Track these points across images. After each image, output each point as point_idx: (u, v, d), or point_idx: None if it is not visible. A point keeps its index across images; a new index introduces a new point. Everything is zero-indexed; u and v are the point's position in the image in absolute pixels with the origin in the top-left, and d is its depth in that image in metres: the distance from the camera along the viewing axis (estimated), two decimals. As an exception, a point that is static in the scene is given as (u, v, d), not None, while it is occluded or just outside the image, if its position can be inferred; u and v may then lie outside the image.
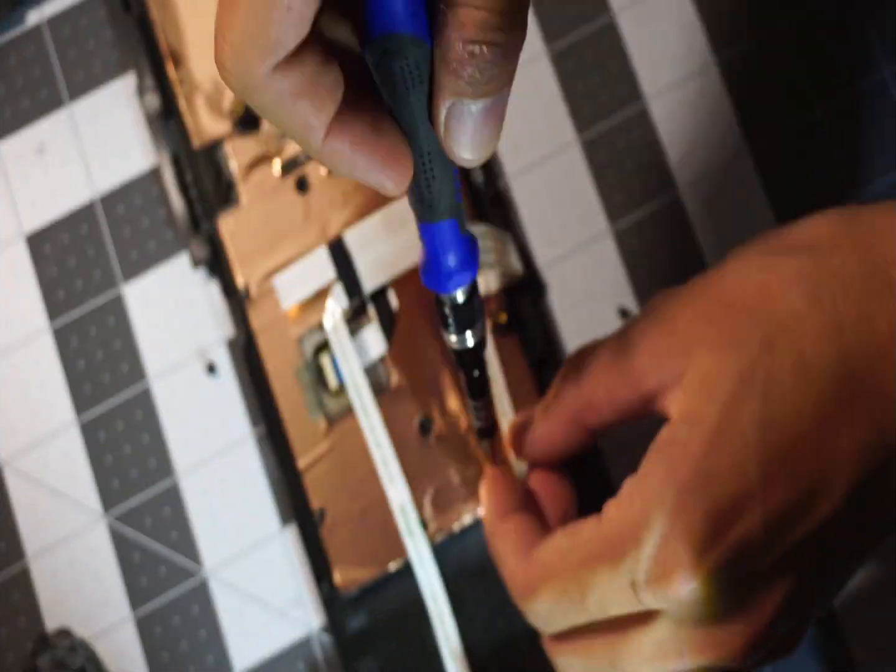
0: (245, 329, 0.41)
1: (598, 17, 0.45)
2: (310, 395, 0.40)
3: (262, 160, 0.42)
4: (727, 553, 0.30)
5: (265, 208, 0.41)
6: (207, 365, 0.43)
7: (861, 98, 0.45)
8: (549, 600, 0.33)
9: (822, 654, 0.41)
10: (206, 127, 0.42)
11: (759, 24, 0.45)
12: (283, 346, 0.40)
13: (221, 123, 0.42)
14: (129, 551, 0.43)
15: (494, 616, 0.39)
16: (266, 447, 0.43)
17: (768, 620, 0.31)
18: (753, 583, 0.31)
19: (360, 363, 0.39)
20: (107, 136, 0.45)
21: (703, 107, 0.45)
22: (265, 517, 0.43)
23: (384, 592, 0.39)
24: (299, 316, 0.40)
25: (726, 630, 0.31)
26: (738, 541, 0.30)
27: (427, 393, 0.40)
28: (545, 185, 0.44)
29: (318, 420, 0.40)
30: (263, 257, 0.41)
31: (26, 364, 0.44)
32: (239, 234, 0.41)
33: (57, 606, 0.42)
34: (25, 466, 0.43)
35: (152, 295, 0.44)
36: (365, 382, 0.39)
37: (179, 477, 0.43)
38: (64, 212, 0.45)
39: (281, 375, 0.40)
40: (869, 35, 0.45)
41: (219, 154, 0.42)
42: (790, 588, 0.31)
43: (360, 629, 0.40)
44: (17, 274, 0.44)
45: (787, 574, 0.31)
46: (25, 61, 0.46)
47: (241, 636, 0.42)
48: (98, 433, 0.43)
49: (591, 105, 0.45)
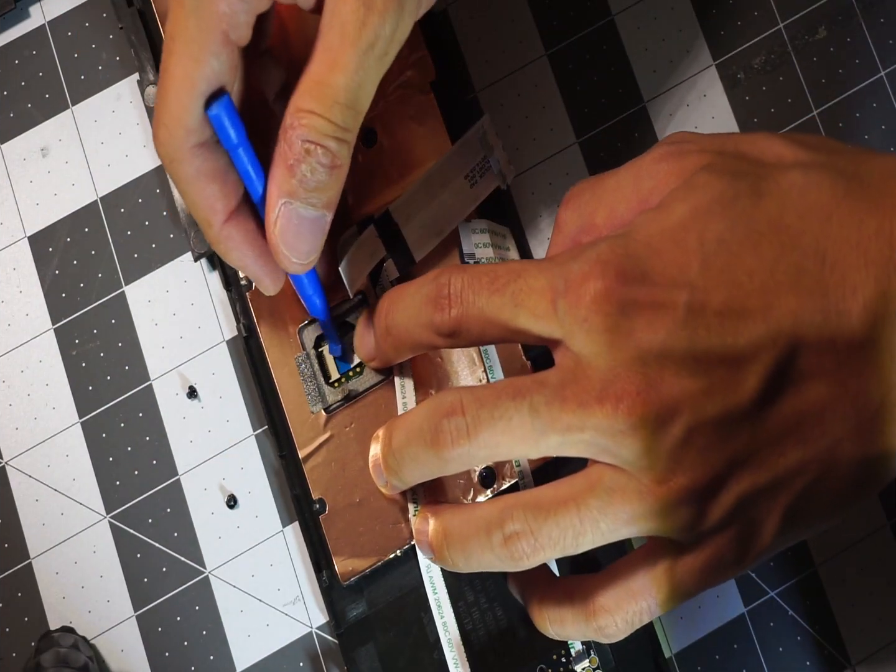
0: (246, 320, 0.41)
1: (598, 19, 0.45)
2: (310, 386, 0.40)
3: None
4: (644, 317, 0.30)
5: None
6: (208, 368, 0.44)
7: (860, 99, 0.45)
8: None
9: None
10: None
11: (758, 24, 0.45)
12: (283, 337, 0.40)
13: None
14: (132, 550, 0.43)
15: (493, 604, 0.39)
16: (266, 441, 0.43)
17: (703, 478, 0.30)
18: (675, 410, 0.29)
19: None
20: (109, 137, 0.45)
21: (702, 107, 0.45)
22: (266, 517, 0.43)
23: (383, 582, 0.40)
24: (299, 307, 0.41)
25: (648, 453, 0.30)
26: (660, 310, 0.30)
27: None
28: (545, 184, 0.44)
29: (318, 411, 0.40)
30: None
31: (29, 364, 0.44)
32: None
33: (60, 605, 0.43)
34: (28, 466, 0.43)
35: (154, 295, 0.44)
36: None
37: (181, 476, 0.43)
38: (67, 212, 0.45)
39: (281, 366, 0.40)
40: (867, 36, 0.45)
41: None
42: (720, 472, 0.30)
43: (359, 618, 0.40)
44: (20, 274, 0.45)
45: (717, 456, 0.30)
46: (28, 63, 0.46)
47: (243, 634, 0.42)
48: (100, 433, 0.44)
49: (591, 103, 0.45)
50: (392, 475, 0.35)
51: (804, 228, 0.30)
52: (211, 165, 0.33)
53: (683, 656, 0.42)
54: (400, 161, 0.41)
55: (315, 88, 0.31)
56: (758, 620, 0.42)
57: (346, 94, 0.31)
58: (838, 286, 0.29)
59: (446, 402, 0.32)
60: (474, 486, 0.39)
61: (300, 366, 0.40)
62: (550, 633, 0.35)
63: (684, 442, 0.29)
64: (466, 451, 0.32)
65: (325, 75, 0.31)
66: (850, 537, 0.43)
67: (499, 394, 0.31)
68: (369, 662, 0.39)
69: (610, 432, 0.30)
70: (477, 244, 0.39)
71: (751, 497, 0.30)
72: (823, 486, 0.31)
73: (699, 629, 0.43)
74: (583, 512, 0.31)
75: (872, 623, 0.43)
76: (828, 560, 0.43)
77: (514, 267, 0.32)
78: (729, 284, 0.30)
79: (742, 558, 0.31)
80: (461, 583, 0.39)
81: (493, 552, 0.32)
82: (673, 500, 0.30)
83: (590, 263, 0.30)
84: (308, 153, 0.31)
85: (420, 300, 0.33)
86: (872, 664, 0.42)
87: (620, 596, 0.33)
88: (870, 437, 0.30)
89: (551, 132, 0.45)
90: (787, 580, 0.43)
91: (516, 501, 0.32)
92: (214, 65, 0.31)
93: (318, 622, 0.42)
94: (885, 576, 0.43)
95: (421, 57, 0.41)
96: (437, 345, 0.34)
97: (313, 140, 0.31)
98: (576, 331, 0.30)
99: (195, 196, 0.33)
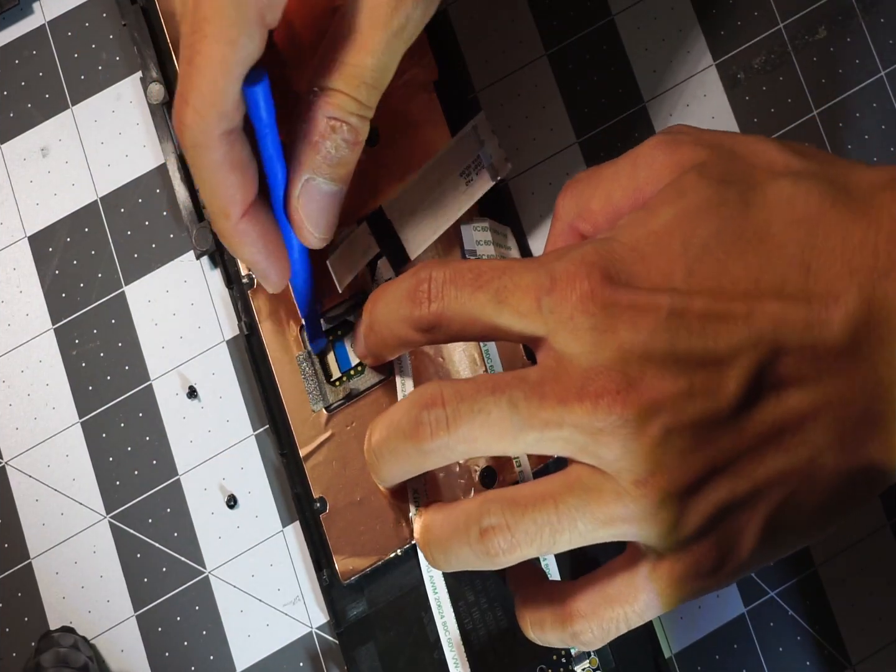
0: (248, 318, 0.41)
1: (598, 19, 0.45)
2: (311, 384, 0.40)
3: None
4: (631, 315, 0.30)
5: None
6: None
7: (860, 99, 0.45)
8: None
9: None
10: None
11: (758, 24, 0.45)
12: (285, 335, 0.40)
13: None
14: (132, 550, 0.43)
15: (493, 605, 0.39)
16: (267, 441, 0.43)
17: (681, 481, 0.29)
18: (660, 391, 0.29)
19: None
20: (109, 137, 0.45)
21: (702, 107, 0.45)
22: (266, 517, 0.43)
23: (383, 581, 0.40)
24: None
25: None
26: (646, 308, 0.30)
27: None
28: (545, 184, 0.44)
29: (319, 410, 0.40)
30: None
31: (29, 364, 0.44)
32: None
33: (60, 605, 0.43)
34: (28, 466, 0.43)
35: (154, 295, 0.44)
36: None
37: (181, 476, 0.43)
38: (67, 212, 0.45)
39: (283, 365, 0.40)
40: (867, 36, 0.45)
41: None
42: (698, 475, 0.30)
43: (359, 617, 0.40)
44: (20, 274, 0.45)
45: (696, 459, 0.30)
46: (28, 63, 0.46)
47: (243, 634, 0.42)
48: (100, 433, 0.43)
49: (591, 103, 0.45)
50: (373, 472, 0.35)
51: (790, 237, 0.30)
52: (236, 155, 0.32)
53: (683, 656, 0.42)
54: (403, 160, 0.41)
55: (342, 68, 0.32)
56: (758, 620, 0.42)
57: (373, 75, 0.32)
58: (822, 294, 0.29)
59: (426, 393, 0.32)
60: (475, 486, 0.39)
61: (301, 364, 0.40)
62: (531, 636, 0.35)
63: (663, 442, 0.29)
64: (445, 443, 0.31)
65: (354, 56, 0.32)
66: (850, 537, 0.43)
67: (479, 387, 0.31)
68: (369, 662, 0.39)
69: (589, 430, 0.29)
70: (478, 241, 0.39)
71: (730, 505, 0.30)
72: (804, 497, 0.30)
73: (699, 629, 0.43)
74: (560, 509, 0.30)
75: (872, 623, 0.43)
76: (828, 560, 0.43)
77: (498, 264, 0.32)
78: (712, 290, 0.30)
79: (720, 569, 0.31)
80: (462, 583, 0.39)
81: (470, 547, 0.32)
82: (650, 503, 0.30)
83: (575, 264, 0.30)
84: (333, 130, 0.33)
85: (400, 295, 0.33)
86: (872, 664, 0.42)
87: (597, 602, 0.32)
88: (851, 448, 0.30)
89: (551, 132, 0.45)
90: (787, 580, 0.43)
91: (495, 496, 0.32)
92: (250, 47, 0.31)
93: (318, 622, 0.42)
94: (885, 576, 0.43)
95: (425, 56, 0.41)
96: (417, 340, 0.34)
97: (339, 118, 0.32)
98: (560, 329, 0.30)
99: (217, 185, 0.33)
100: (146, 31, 0.43)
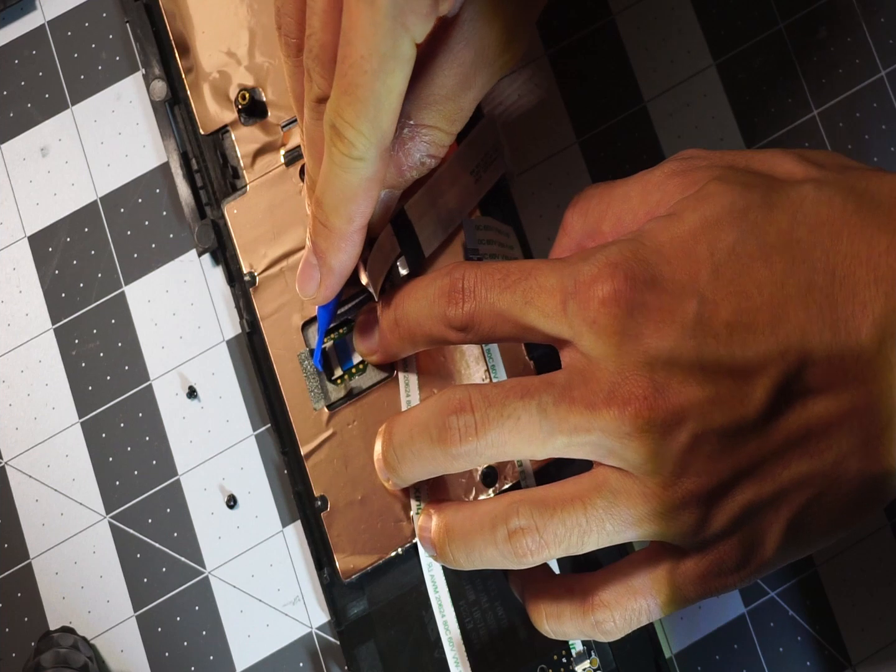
0: (249, 316, 0.41)
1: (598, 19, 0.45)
2: (313, 383, 0.40)
3: (268, 149, 0.42)
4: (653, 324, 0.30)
5: (271, 196, 0.41)
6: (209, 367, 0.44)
7: (860, 99, 0.45)
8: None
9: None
10: (213, 115, 0.43)
11: (758, 24, 0.45)
12: (286, 333, 0.40)
13: (227, 112, 0.42)
14: (131, 550, 0.43)
15: (494, 604, 0.39)
16: (267, 441, 0.43)
17: (708, 485, 0.30)
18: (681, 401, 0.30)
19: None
20: (109, 137, 0.45)
21: (702, 107, 0.45)
22: (265, 517, 0.43)
23: (384, 580, 0.39)
24: (301, 304, 0.41)
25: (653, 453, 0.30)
26: (670, 319, 0.30)
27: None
28: (545, 184, 0.44)
29: (321, 408, 0.40)
30: (269, 245, 0.41)
31: (29, 364, 0.44)
32: (245, 222, 0.41)
33: (60, 605, 0.43)
34: (28, 466, 0.43)
35: (154, 295, 0.44)
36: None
37: (181, 477, 0.43)
38: (66, 212, 0.45)
39: (284, 363, 0.40)
40: (867, 36, 0.45)
41: (225, 142, 0.43)
42: (725, 479, 0.30)
43: (359, 616, 0.40)
44: (20, 274, 0.45)
45: (723, 464, 0.30)
46: (28, 63, 0.46)
47: (242, 634, 0.42)
48: (100, 433, 0.43)
49: (591, 103, 0.45)
50: (391, 472, 0.35)
51: (815, 243, 0.30)
52: (382, 175, 0.33)
53: (683, 656, 0.42)
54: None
55: (443, 104, 0.33)
56: (758, 620, 0.42)
57: (469, 110, 0.34)
58: (848, 302, 0.29)
59: (455, 398, 0.32)
60: (476, 486, 0.39)
61: (303, 362, 0.40)
62: (546, 629, 0.35)
63: (690, 448, 0.30)
64: (474, 448, 0.32)
65: (457, 93, 0.33)
66: (850, 537, 0.43)
67: (507, 393, 0.31)
68: (370, 660, 0.39)
69: (616, 434, 0.30)
70: (480, 240, 0.39)
71: (754, 507, 0.30)
72: (827, 500, 0.31)
73: (699, 629, 0.42)
74: (589, 511, 0.31)
75: (872, 623, 0.43)
76: (828, 560, 0.43)
77: (525, 265, 0.32)
78: (738, 296, 0.30)
79: (743, 567, 0.31)
80: (462, 581, 0.39)
81: (497, 548, 0.32)
82: (677, 505, 0.30)
83: (599, 265, 0.31)
84: (423, 165, 0.34)
85: (434, 293, 0.34)
86: (872, 664, 0.42)
87: (620, 592, 0.33)
88: (875, 455, 0.30)
89: (551, 132, 0.45)
90: (787, 580, 0.43)
91: (523, 497, 0.32)
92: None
93: (318, 622, 0.42)
94: (885, 576, 0.43)
95: None
96: (449, 338, 0.34)
97: (434, 155, 0.34)
98: (584, 331, 0.30)
99: (362, 193, 0.33)
100: (149, 27, 0.43)
